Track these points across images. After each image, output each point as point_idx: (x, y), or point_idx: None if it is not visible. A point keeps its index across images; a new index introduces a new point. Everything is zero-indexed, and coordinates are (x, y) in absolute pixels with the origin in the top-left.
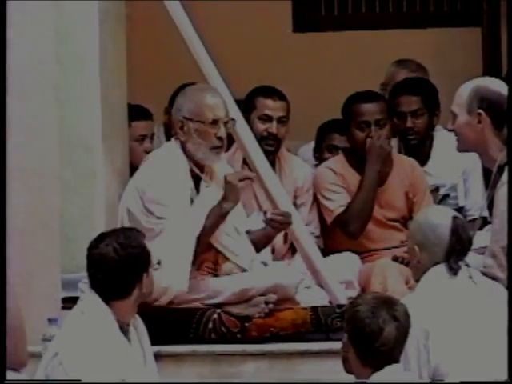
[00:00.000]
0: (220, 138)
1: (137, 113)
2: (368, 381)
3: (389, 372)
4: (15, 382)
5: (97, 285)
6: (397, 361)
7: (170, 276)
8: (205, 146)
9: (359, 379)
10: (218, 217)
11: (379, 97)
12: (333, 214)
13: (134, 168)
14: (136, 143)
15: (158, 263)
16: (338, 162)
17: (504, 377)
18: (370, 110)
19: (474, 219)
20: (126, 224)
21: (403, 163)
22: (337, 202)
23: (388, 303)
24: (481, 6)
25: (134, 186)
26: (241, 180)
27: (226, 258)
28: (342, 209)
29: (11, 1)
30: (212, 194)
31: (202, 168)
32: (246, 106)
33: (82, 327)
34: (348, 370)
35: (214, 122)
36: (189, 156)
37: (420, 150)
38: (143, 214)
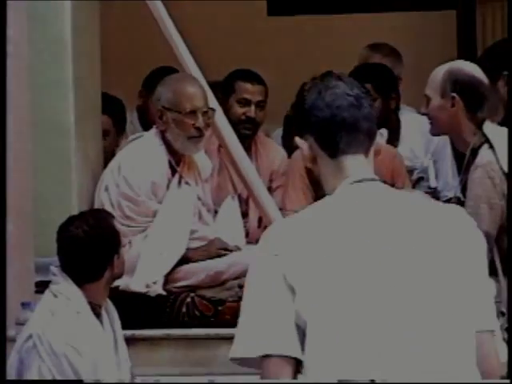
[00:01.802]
0: (198, 128)
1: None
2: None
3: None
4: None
5: (68, 268)
6: None
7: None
8: (183, 136)
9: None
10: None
11: None
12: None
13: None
14: None
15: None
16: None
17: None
18: None
19: (449, 200)
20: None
21: (383, 151)
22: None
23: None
24: None
25: (112, 176)
26: (220, 250)
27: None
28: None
29: (11, 1)
30: (187, 190)
31: (179, 158)
32: (225, 89)
33: (54, 310)
34: None
35: (192, 112)
36: (168, 145)
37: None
38: (112, 209)
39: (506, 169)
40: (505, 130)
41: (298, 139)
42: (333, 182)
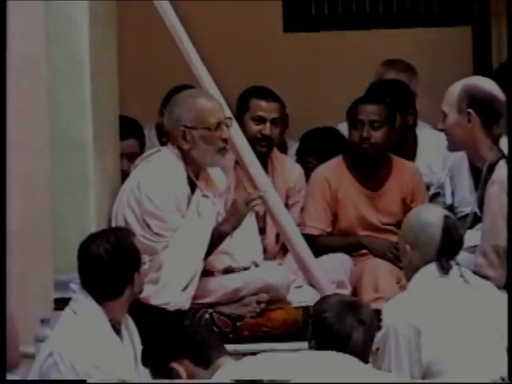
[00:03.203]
0: (225, 140)
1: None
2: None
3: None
4: (15, 382)
5: (88, 285)
6: (366, 361)
7: (171, 294)
8: (212, 150)
9: None
10: (216, 238)
11: (380, 100)
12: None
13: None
14: None
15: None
16: (335, 166)
17: (496, 375)
18: (367, 110)
19: (465, 216)
20: None
21: (403, 167)
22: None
23: (353, 307)
24: (471, 5)
25: (132, 194)
26: (247, 203)
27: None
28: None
29: (11, 1)
30: (208, 204)
31: (197, 174)
32: (239, 107)
33: (75, 327)
34: None
35: (218, 126)
36: (188, 163)
37: (404, 150)
38: (139, 226)
39: None
40: None
41: None
42: None
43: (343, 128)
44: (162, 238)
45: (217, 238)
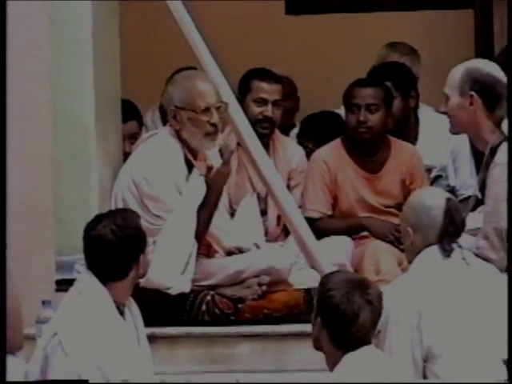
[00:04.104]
0: (213, 125)
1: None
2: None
3: (362, 353)
4: (15, 382)
5: (94, 266)
6: (369, 342)
7: (169, 278)
8: (199, 133)
9: (330, 358)
10: (214, 193)
11: (377, 83)
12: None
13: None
14: None
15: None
16: (333, 149)
17: (497, 358)
18: (363, 94)
19: (466, 198)
20: None
21: (402, 149)
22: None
23: (361, 287)
24: None
25: (130, 177)
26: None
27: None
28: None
29: (11, 1)
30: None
31: (195, 154)
32: (241, 88)
33: (79, 307)
34: (318, 348)
35: (206, 110)
36: (183, 143)
37: (406, 132)
38: (139, 208)
39: None
40: None
41: None
42: None
43: (343, 111)
44: (161, 219)
45: (205, 213)
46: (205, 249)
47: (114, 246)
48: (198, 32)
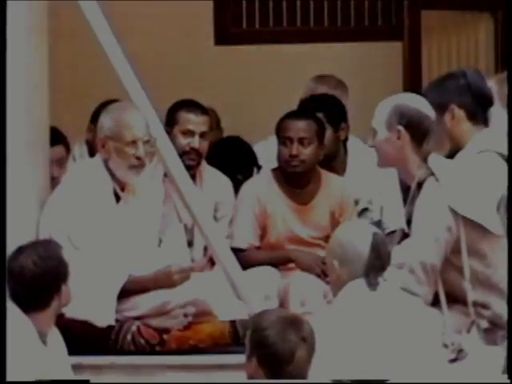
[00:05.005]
0: (139, 158)
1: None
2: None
3: None
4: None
5: (16, 296)
6: (306, 378)
7: (94, 310)
8: (124, 165)
9: None
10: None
11: (309, 116)
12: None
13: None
14: None
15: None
16: (264, 180)
17: None
18: (295, 127)
19: (393, 231)
20: None
21: (332, 181)
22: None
23: (295, 324)
24: (402, 21)
25: (55, 211)
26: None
27: None
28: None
29: (11, 1)
30: (130, 211)
31: (124, 183)
32: (169, 120)
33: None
34: None
35: (133, 142)
36: (111, 173)
37: (335, 164)
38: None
39: (450, 202)
40: (451, 163)
41: None
42: None
43: (273, 141)
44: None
45: (133, 285)
46: None
47: (35, 277)
48: (127, 64)
